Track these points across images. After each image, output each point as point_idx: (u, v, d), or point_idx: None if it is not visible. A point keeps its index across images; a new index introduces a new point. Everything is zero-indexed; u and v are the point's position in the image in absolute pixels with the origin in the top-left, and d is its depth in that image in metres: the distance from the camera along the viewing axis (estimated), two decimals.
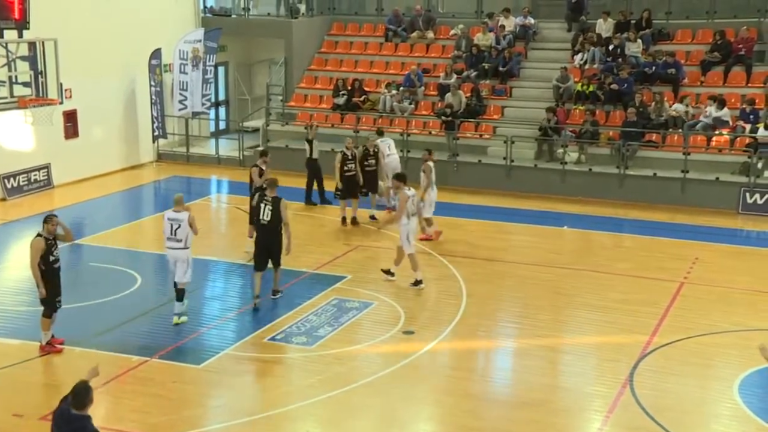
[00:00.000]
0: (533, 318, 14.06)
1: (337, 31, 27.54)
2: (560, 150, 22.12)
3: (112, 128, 23.96)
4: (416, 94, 24.55)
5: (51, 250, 12.09)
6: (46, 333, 12.47)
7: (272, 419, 10.76)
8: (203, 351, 12.65)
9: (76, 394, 7.43)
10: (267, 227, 14.12)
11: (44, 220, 12.24)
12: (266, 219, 14.06)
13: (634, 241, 18.45)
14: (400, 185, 15.22)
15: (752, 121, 21.19)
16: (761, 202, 20.12)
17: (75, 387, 7.49)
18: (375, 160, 19.29)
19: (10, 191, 21.16)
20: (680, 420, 10.80)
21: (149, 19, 24.50)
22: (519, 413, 10.99)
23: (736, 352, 12.76)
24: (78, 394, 7.43)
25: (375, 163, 19.27)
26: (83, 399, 7.44)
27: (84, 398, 7.44)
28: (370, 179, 19.26)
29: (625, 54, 23.61)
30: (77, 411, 7.43)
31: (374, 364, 12.22)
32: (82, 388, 7.48)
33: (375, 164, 19.27)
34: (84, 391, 7.46)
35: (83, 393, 7.45)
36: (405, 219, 14.97)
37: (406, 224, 14.99)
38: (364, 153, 19.30)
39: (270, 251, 14.25)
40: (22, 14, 16.62)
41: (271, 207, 14.01)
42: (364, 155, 19.26)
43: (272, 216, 14.01)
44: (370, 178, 19.26)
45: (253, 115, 27.77)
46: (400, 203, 15.13)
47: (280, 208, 14.00)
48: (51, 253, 12.09)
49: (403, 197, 15.01)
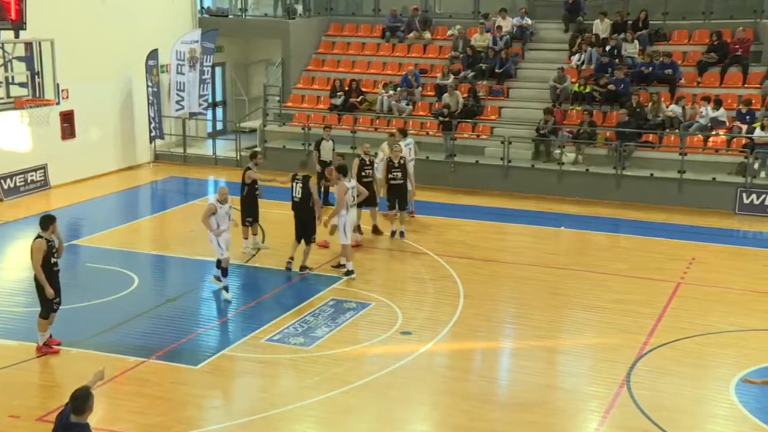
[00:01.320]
0: (530, 318, 14.07)
1: (335, 32, 27.54)
2: (557, 150, 22.14)
3: (109, 129, 23.95)
4: (413, 94, 24.56)
5: (52, 252, 12.07)
6: (43, 334, 12.42)
7: (269, 420, 10.76)
8: (200, 352, 12.64)
9: (74, 399, 7.29)
10: (299, 204, 15.70)
11: (45, 220, 12.08)
12: (297, 196, 15.66)
13: (631, 242, 18.47)
14: (340, 177, 15.74)
15: (749, 121, 21.23)
16: (758, 202, 20.15)
17: (74, 392, 7.35)
18: (372, 169, 17.79)
19: (7, 192, 21.13)
20: (677, 420, 10.81)
21: (146, 19, 24.48)
22: (516, 414, 10.99)
23: (732, 352, 12.78)
24: (76, 400, 7.28)
25: (372, 173, 17.79)
26: (81, 405, 7.27)
27: (82, 404, 7.27)
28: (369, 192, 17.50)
29: (622, 54, 23.64)
30: (75, 417, 7.29)
31: (372, 365, 12.22)
32: (81, 394, 7.32)
33: (372, 175, 17.75)
34: (83, 398, 7.29)
35: (82, 399, 7.29)
36: (343, 210, 15.38)
37: (344, 215, 15.40)
38: (360, 163, 17.70)
39: (304, 226, 15.72)
40: (19, 15, 16.64)
41: (301, 184, 15.57)
42: (361, 166, 17.66)
43: (302, 193, 15.57)
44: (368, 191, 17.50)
45: (250, 116, 27.78)
46: (338, 195, 15.56)
47: (309, 185, 15.56)
48: (52, 255, 12.06)
49: (342, 188, 15.46)
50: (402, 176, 17.73)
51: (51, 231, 12.00)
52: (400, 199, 17.84)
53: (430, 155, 22.93)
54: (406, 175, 17.85)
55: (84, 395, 7.30)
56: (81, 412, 7.29)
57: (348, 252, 15.66)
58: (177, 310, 14.34)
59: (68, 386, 11.17)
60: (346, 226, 15.46)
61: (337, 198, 15.62)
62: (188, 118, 25.73)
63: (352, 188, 15.72)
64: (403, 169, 17.76)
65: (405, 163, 17.89)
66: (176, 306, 14.49)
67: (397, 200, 17.79)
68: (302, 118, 24.88)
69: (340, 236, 15.56)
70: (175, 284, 16.00)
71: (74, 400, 7.29)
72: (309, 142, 22.84)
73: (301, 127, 24.10)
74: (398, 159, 17.69)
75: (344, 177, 15.76)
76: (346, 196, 15.46)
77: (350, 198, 15.59)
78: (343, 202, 15.42)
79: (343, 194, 15.43)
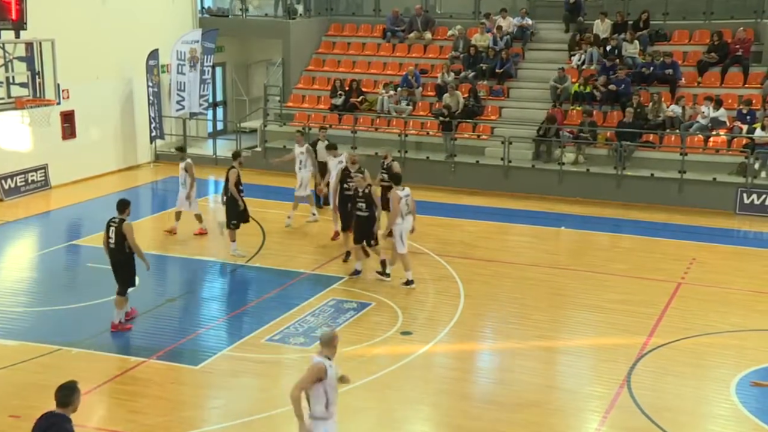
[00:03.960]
0: (531, 319, 14.07)
1: (335, 32, 27.53)
2: (558, 151, 22.14)
3: (109, 129, 23.95)
4: (414, 94, 24.55)
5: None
6: (120, 311, 13.26)
7: (270, 420, 10.76)
8: (201, 352, 12.64)
9: (60, 389, 7.29)
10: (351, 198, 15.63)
11: (122, 204, 13.08)
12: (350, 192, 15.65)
13: (631, 242, 18.47)
14: (393, 184, 15.41)
15: (749, 121, 21.23)
16: (758, 202, 20.15)
17: (62, 384, 7.36)
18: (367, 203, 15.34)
19: (8, 192, 21.13)
20: (677, 420, 10.81)
21: (147, 19, 24.48)
22: (517, 414, 10.99)
23: (733, 352, 12.79)
24: (61, 390, 7.30)
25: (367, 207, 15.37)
26: (65, 397, 7.28)
27: (66, 397, 7.29)
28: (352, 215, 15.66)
29: (623, 55, 23.64)
30: (59, 408, 7.29)
31: (372, 365, 12.21)
32: (67, 386, 7.34)
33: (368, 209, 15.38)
34: (68, 390, 7.31)
35: (67, 391, 7.30)
36: (399, 219, 15.01)
37: (400, 224, 15.02)
38: (343, 174, 15.99)
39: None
40: (20, 15, 16.64)
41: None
42: (343, 177, 15.98)
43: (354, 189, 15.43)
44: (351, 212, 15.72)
45: (251, 116, 27.77)
46: (392, 203, 15.10)
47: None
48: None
49: (395, 197, 15.03)
50: (367, 207, 15.22)
51: (127, 213, 13.05)
52: (365, 234, 15.45)
53: (430, 155, 22.96)
54: (371, 206, 15.27)
55: (68, 388, 7.32)
56: (64, 405, 7.28)
57: (407, 261, 15.20)
58: (177, 310, 14.36)
59: None
60: (402, 234, 15.04)
61: (392, 206, 15.07)
62: (189, 118, 25.72)
63: (406, 196, 15.10)
64: (368, 199, 15.20)
65: (371, 192, 15.30)
66: (176, 306, 14.50)
67: (363, 235, 15.47)
68: (303, 118, 24.88)
69: (397, 245, 15.09)
70: (175, 284, 16.00)
71: (60, 390, 7.30)
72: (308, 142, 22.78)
73: (302, 128, 24.08)
74: (364, 187, 15.29)
75: (398, 185, 15.19)
76: (400, 205, 14.96)
77: (404, 206, 15.03)
78: (398, 210, 14.92)
79: (397, 202, 14.93)
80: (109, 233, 13.01)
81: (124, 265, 13.08)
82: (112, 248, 13.01)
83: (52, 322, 13.72)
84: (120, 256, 13.00)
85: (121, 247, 12.93)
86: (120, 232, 12.86)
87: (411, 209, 15.31)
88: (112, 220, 13.03)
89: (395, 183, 15.48)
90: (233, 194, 16.31)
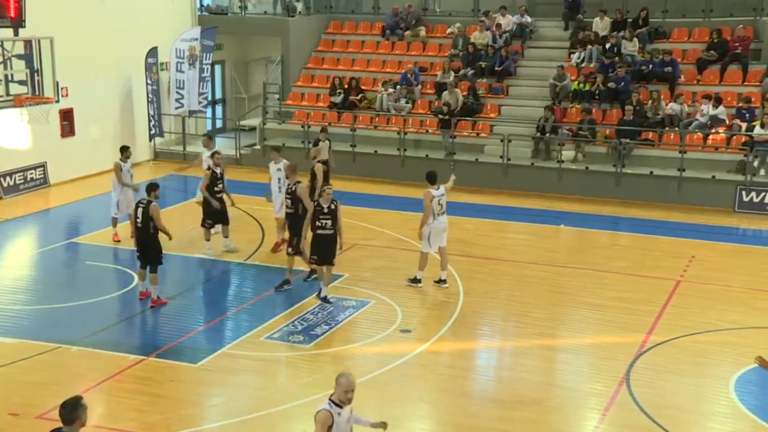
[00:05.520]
0: (530, 316, 14.07)
1: (334, 30, 27.52)
2: (557, 148, 22.13)
3: (108, 127, 23.92)
4: (413, 92, 24.54)
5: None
6: (155, 287, 14.08)
7: (269, 418, 10.76)
8: (200, 350, 12.64)
9: (63, 407, 6.96)
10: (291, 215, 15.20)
11: (152, 186, 14.05)
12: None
13: (630, 240, 18.47)
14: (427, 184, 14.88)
15: (748, 119, 21.23)
16: (757, 200, 20.15)
17: (65, 401, 7.01)
18: (332, 220, 14.08)
19: (7, 190, 21.12)
20: (676, 418, 10.81)
21: (146, 17, 24.47)
22: (516, 412, 11.00)
23: (731, 350, 12.78)
24: (64, 407, 6.96)
25: (333, 225, 14.12)
26: (69, 414, 6.95)
27: (70, 413, 6.95)
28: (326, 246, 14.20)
29: (622, 52, 23.64)
30: (66, 426, 6.97)
31: (371, 363, 12.22)
32: (71, 402, 7.00)
33: (331, 227, 14.12)
34: (71, 406, 6.96)
35: (70, 408, 6.96)
36: (431, 219, 14.82)
37: (430, 223, 14.83)
38: (316, 212, 14.14)
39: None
40: (18, 12, 16.61)
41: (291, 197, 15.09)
42: (315, 215, 14.14)
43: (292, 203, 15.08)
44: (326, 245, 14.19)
45: (250, 114, 27.74)
46: (425, 202, 14.82)
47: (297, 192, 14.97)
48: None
49: (428, 195, 14.79)
50: (332, 225, 14.12)
51: (154, 195, 13.98)
52: (326, 251, 14.27)
53: (429, 153, 22.95)
54: (336, 224, 14.17)
55: (72, 404, 6.99)
56: (70, 422, 6.97)
57: (424, 261, 15.06)
58: (176, 308, 14.34)
59: (68, 384, 11.25)
60: (431, 235, 14.89)
61: (425, 205, 14.85)
62: (188, 116, 25.71)
63: (440, 196, 14.88)
64: (334, 216, 14.11)
65: (336, 209, 14.15)
66: (175, 304, 14.49)
67: (323, 252, 14.28)
68: (302, 116, 24.88)
69: (424, 244, 15.01)
70: (174, 282, 15.98)
71: (64, 407, 6.98)
72: (308, 140, 22.81)
73: (301, 125, 24.10)
74: (328, 204, 14.11)
75: (432, 184, 14.95)
76: (432, 204, 14.78)
77: (437, 206, 14.83)
78: (430, 209, 14.75)
79: (429, 201, 14.74)
80: (137, 213, 14.00)
81: (151, 245, 14.02)
82: (139, 227, 13.98)
83: (52, 319, 13.72)
84: (146, 234, 13.95)
85: (147, 227, 13.88)
86: (147, 212, 13.84)
87: (443, 209, 14.99)
88: (140, 201, 14.11)
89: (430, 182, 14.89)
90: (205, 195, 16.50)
